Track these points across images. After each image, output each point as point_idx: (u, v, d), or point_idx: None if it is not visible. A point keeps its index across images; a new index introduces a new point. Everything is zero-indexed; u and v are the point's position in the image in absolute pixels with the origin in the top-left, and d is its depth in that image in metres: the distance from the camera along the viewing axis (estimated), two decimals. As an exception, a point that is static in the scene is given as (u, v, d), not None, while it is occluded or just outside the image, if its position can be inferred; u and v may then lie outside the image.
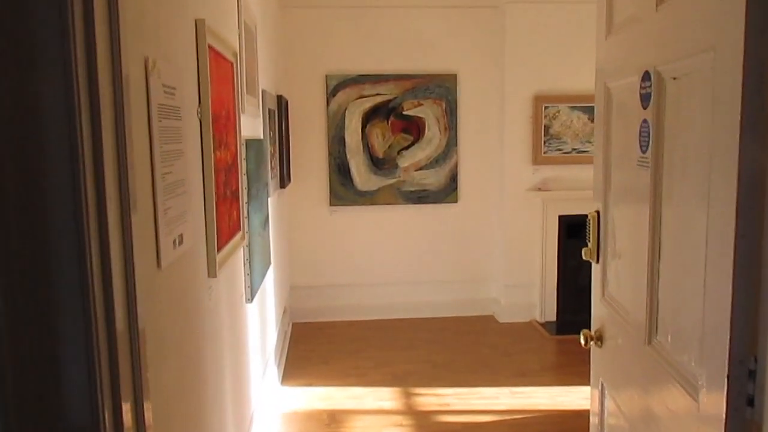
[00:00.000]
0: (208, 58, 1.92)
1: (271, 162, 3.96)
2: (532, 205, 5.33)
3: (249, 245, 2.77)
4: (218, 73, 2.18)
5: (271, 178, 3.87)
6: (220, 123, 2.21)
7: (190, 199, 1.70)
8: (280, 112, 4.45)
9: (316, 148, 5.34)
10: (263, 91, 3.64)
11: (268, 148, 3.75)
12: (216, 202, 2.07)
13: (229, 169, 2.38)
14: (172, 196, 1.52)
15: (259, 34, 3.49)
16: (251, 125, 3.10)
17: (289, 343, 4.93)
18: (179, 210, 1.58)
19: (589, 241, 2.01)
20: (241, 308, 2.65)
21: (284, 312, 4.93)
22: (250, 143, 2.84)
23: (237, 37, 2.72)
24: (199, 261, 1.86)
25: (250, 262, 2.78)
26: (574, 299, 5.48)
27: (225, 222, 2.24)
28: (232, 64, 2.46)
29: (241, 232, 2.59)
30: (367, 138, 5.34)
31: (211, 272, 1.97)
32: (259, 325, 3.25)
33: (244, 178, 2.70)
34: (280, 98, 4.46)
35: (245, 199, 2.71)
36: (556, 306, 5.42)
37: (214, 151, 2.06)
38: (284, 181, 4.55)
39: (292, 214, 5.39)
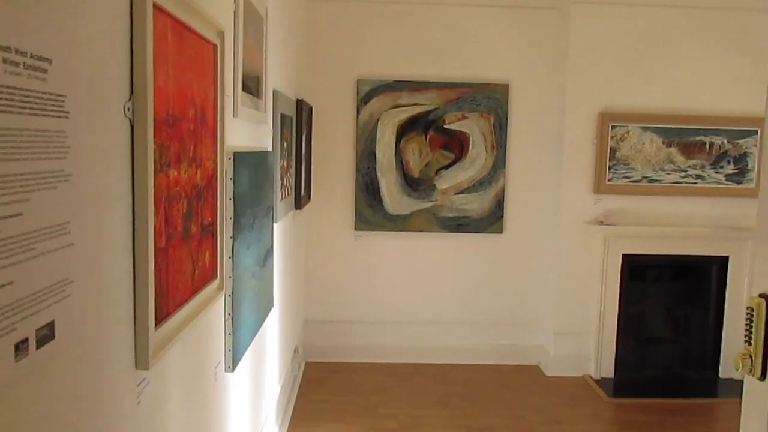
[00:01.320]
0: (151, 24, 1.22)
1: (283, 179, 3.26)
2: (591, 241, 4.53)
3: (233, 294, 2.05)
4: (182, 55, 1.47)
5: (281, 198, 3.17)
6: (184, 128, 1.51)
7: (80, 255, 0.98)
8: (299, 120, 3.76)
9: (342, 163, 4.64)
10: (275, 92, 2.95)
11: (278, 162, 3.05)
12: (162, 250, 1.36)
13: (200, 195, 1.67)
14: (21, 260, 0.80)
15: (272, 21, 2.80)
16: (251, 133, 2.41)
17: (299, 389, 4.20)
18: (45, 281, 0.86)
19: (750, 343, 1.24)
20: (213, 384, 1.93)
21: (295, 352, 4.21)
22: (244, 157, 2.13)
23: (231, 14, 2.03)
24: (110, 352, 1.14)
25: (233, 318, 2.06)
26: (635, 353, 4.67)
27: (182, 274, 1.52)
28: (214, 47, 1.76)
29: (218, 280, 1.88)
30: (401, 154, 4.61)
31: (142, 362, 1.25)
32: (250, 391, 2.53)
33: (230, 204, 2.00)
34: (300, 103, 3.77)
35: (229, 234, 2.00)
36: (614, 360, 4.60)
37: (163, 170, 1.35)
38: (300, 201, 3.85)
39: (310, 239, 4.68)
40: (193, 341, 1.68)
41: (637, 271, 4.66)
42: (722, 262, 4.57)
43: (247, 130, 2.30)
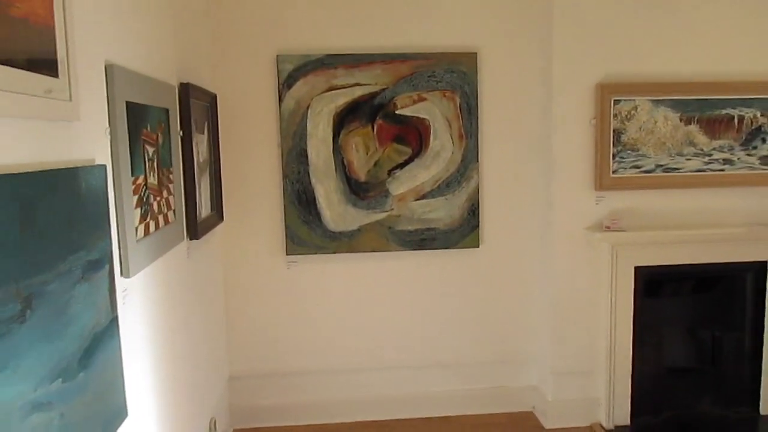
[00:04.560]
0: None
1: (150, 204, 2.13)
2: (594, 252, 3.49)
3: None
4: None
5: (142, 236, 2.04)
6: None
7: None
8: (184, 113, 2.61)
9: (264, 169, 3.50)
10: (110, 68, 1.80)
11: (129, 182, 1.91)
12: None
13: None
14: None
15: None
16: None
17: (218, 480, 3.08)
18: None
19: None
20: None
21: (210, 430, 3.09)
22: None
23: None
24: None
25: None
26: (656, 391, 3.65)
27: None
28: None
29: None
30: (341, 152, 3.50)
31: None
32: None
33: None
34: (186, 88, 2.62)
35: None
36: (630, 402, 3.58)
37: None
38: (197, 228, 2.71)
39: (226, 273, 3.54)
40: None
41: (654, 287, 3.64)
42: (759, 269, 3.58)
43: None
